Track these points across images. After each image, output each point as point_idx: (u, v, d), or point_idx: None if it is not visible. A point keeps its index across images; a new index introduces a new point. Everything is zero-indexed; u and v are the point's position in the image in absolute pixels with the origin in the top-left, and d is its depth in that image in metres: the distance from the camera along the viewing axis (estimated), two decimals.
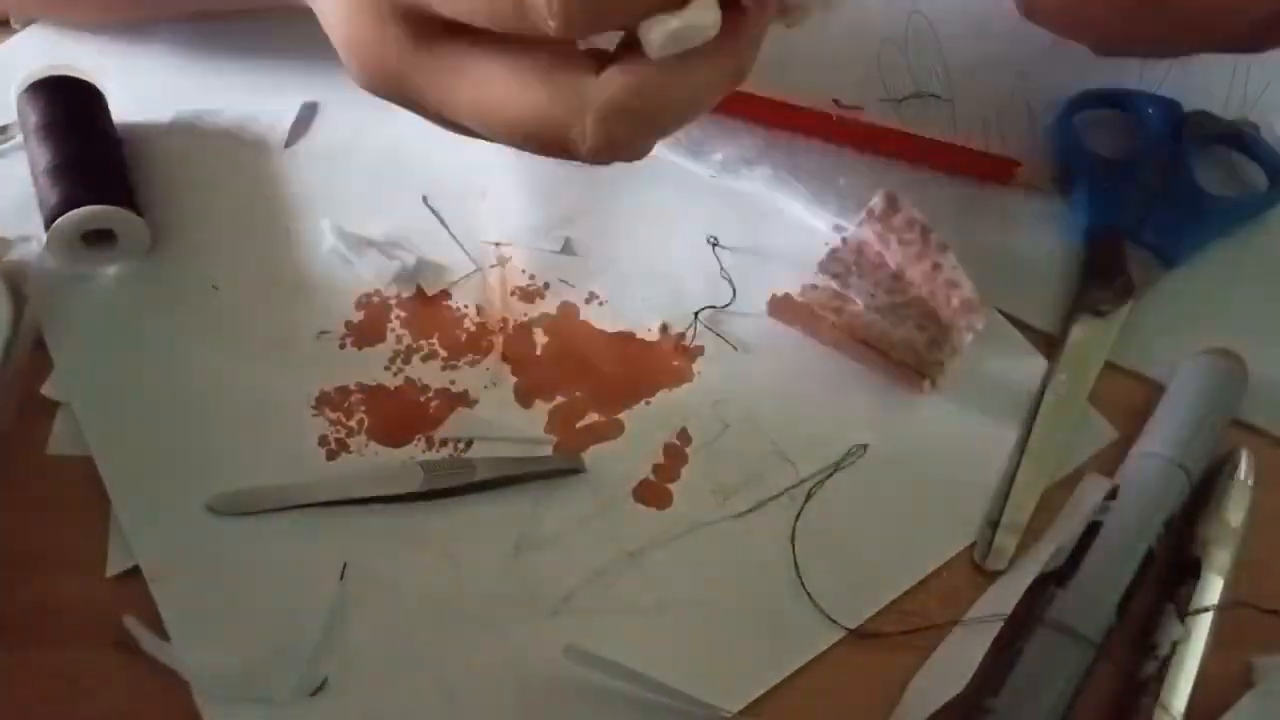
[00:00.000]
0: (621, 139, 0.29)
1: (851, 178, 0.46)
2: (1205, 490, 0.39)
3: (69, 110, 0.44)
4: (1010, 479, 0.40)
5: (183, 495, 0.39)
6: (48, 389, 0.41)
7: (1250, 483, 0.39)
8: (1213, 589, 0.37)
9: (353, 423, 0.41)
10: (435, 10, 0.29)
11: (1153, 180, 0.45)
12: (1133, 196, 0.45)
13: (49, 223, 0.41)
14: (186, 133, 0.47)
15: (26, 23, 0.50)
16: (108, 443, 0.40)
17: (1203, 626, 0.36)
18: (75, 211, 0.41)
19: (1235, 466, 0.39)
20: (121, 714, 0.36)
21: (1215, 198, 0.46)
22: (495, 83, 0.29)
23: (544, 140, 0.30)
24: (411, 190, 0.46)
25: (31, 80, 0.44)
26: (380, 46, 0.30)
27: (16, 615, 0.37)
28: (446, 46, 0.30)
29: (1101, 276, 0.44)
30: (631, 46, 0.28)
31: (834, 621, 0.37)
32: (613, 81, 0.28)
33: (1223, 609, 0.37)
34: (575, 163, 0.30)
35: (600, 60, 0.29)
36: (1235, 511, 0.39)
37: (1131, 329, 0.43)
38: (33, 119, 0.44)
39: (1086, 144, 0.47)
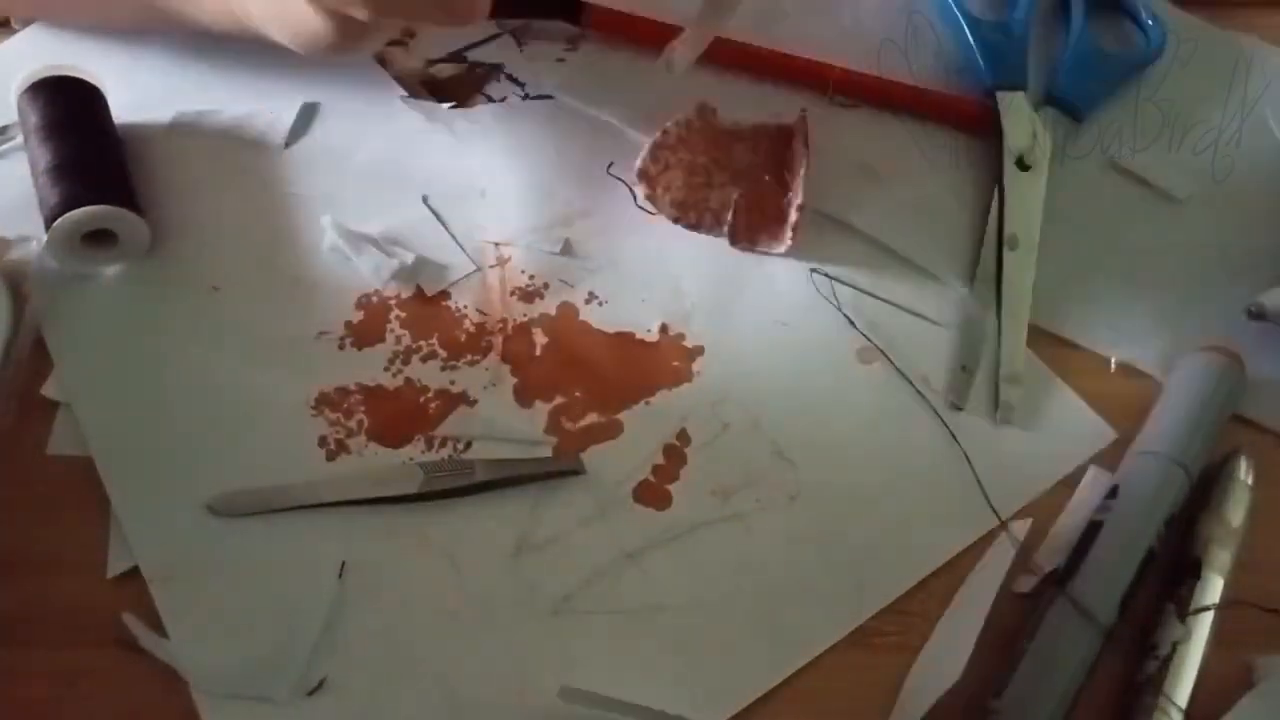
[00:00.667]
0: None
1: None
2: (1205, 489, 0.39)
3: (69, 110, 0.44)
4: (980, 329, 0.43)
5: (182, 496, 0.39)
6: (48, 389, 0.41)
7: (1250, 482, 0.39)
8: (1213, 588, 0.37)
9: (352, 423, 0.41)
10: None
11: (1050, 43, 0.49)
12: (1022, 56, 0.48)
13: (49, 223, 0.41)
14: (186, 133, 0.47)
15: (27, 22, 0.50)
16: (107, 443, 0.40)
17: (1203, 626, 0.36)
18: (75, 211, 0.41)
19: (1235, 466, 0.39)
20: (121, 714, 0.36)
21: (1111, 55, 0.49)
22: None
23: None
24: (411, 190, 0.46)
25: (32, 80, 0.44)
26: None
27: (16, 615, 0.37)
28: None
29: (1015, 131, 0.46)
30: None
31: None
32: None
33: (1223, 608, 0.37)
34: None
35: None
36: (1235, 511, 0.39)
37: (1061, 181, 0.46)
38: (33, 119, 0.44)
39: (965, 6, 0.49)
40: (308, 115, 0.48)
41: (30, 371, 0.41)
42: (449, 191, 0.46)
